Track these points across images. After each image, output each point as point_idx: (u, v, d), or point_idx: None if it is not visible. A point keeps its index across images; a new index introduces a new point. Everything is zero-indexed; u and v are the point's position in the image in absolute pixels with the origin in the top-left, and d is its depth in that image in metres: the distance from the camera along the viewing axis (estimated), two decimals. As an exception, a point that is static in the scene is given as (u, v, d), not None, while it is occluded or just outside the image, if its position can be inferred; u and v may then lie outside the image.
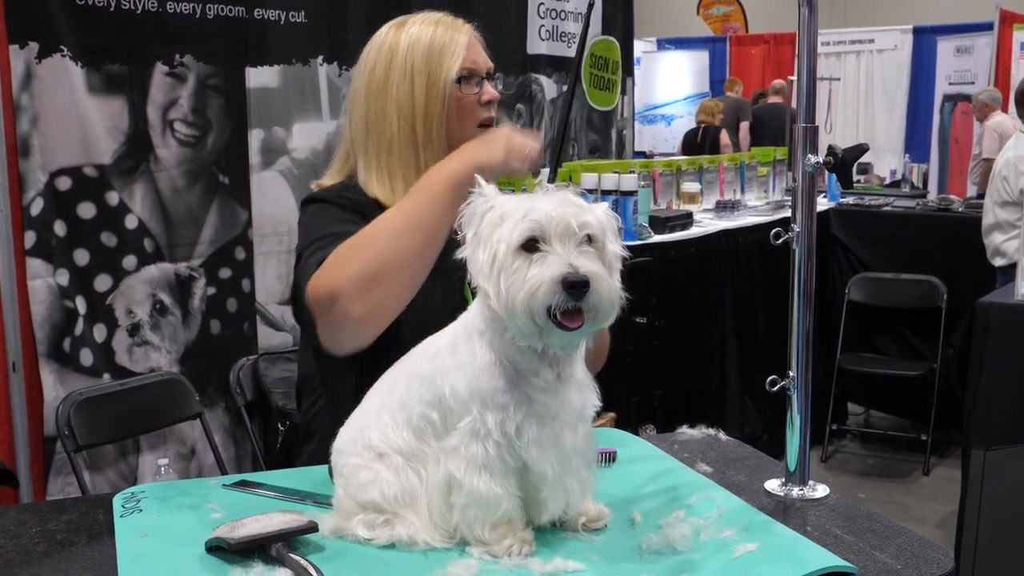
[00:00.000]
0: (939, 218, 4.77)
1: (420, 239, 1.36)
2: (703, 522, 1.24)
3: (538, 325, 1.09)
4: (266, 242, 3.10)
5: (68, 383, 2.61)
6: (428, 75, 1.53)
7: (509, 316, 1.10)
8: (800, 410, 1.41)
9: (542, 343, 1.13)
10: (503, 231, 1.11)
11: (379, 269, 1.33)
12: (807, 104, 1.41)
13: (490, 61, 1.61)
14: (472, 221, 1.16)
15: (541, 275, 1.08)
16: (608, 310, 1.12)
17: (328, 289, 1.34)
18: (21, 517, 1.31)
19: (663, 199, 4.49)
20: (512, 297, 1.09)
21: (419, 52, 1.53)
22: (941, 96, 9.61)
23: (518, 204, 1.13)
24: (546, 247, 1.10)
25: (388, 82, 1.54)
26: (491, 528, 1.14)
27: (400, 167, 1.54)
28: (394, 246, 1.34)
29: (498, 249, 1.11)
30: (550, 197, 1.14)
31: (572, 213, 1.11)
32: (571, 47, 4.53)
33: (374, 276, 1.33)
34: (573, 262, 1.08)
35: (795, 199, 1.40)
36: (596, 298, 1.09)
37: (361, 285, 1.33)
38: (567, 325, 1.09)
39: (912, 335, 4.64)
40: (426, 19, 1.57)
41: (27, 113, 2.53)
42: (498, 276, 1.11)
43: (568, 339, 1.13)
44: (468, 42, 1.56)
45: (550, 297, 1.07)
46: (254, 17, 3.02)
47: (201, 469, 2.91)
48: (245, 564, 1.11)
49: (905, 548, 1.22)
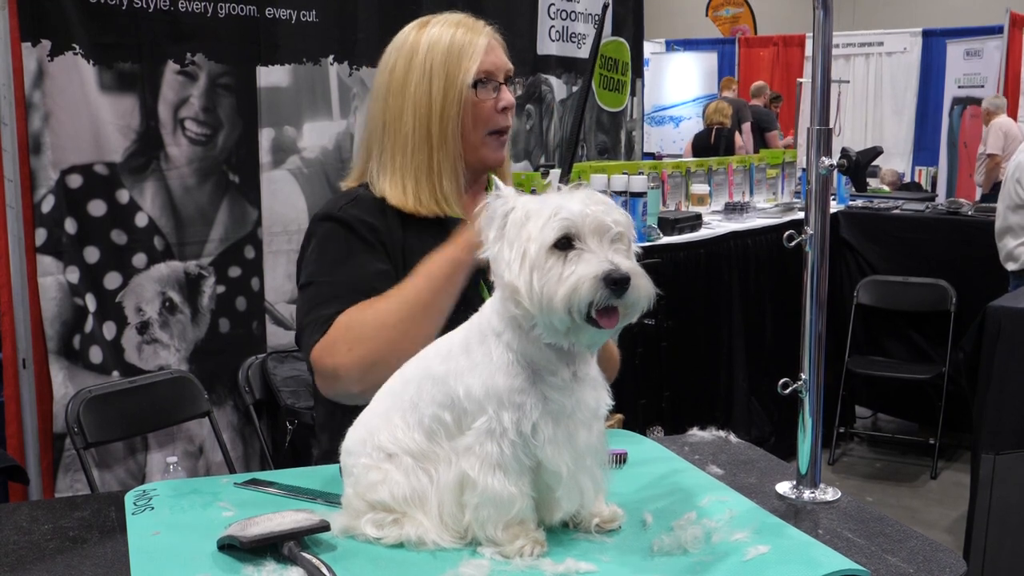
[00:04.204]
0: (948, 221, 4.76)
1: (426, 325, 1.41)
2: (715, 524, 1.23)
3: (574, 322, 1.10)
4: (275, 241, 3.10)
5: (77, 380, 2.62)
6: (446, 77, 1.54)
7: (545, 313, 1.10)
8: (812, 413, 1.41)
9: (569, 341, 1.13)
10: (531, 229, 1.11)
11: (383, 357, 1.38)
12: (821, 106, 1.40)
13: (509, 63, 1.61)
14: (494, 221, 1.16)
15: (582, 272, 1.08)
16: (642, 307, 1.12)
17: (333, 367, 1.43)
18: (34, 514, 1.32)
19: (672, 201, 4.49)
20: (549, 295, 1.09)
21: (438, 53, 1.54)
22: (950, 99, 9.58)
23: (544, 203, 1.13)
24: (580, 245, 1.10)
25: (407, 82, 1.55)
26: (504, 528, 1.14)
27: (413, 167, 1.55)
28: (400, 335, 1.39)
29: (528, 247, 1.11)
30: (574, 195, 1.14)
31: (603, 210, 1.12)
32: (581, 48, 4.53)
33: (378, 363, 1.38)
34: (612, 259, 1.09)
35: (808, 201, 1.39)
36: (635, 295, 1.10)
37: (364, 370, 1.40)
38: (602, 323, 1.10)
39: (920, 338, 4.63)
40: (448, 20, 1.58)
41: (39, 111, 2.54)
42: (530, 274, 1.10)
43: (598, 337, 1.13)
44: (487, 45, 1.57)
45: (592, 294, 1.08)
46: (265, 16, 3.03)
47: (209, 467, 2.92)
48: (257, 562, 1.12)
49: (917, 552, 1.21)
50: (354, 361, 1.41)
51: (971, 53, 9.36)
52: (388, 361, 1.34)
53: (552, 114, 4.39)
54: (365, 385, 1.37)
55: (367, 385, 1.36)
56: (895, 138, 10.13)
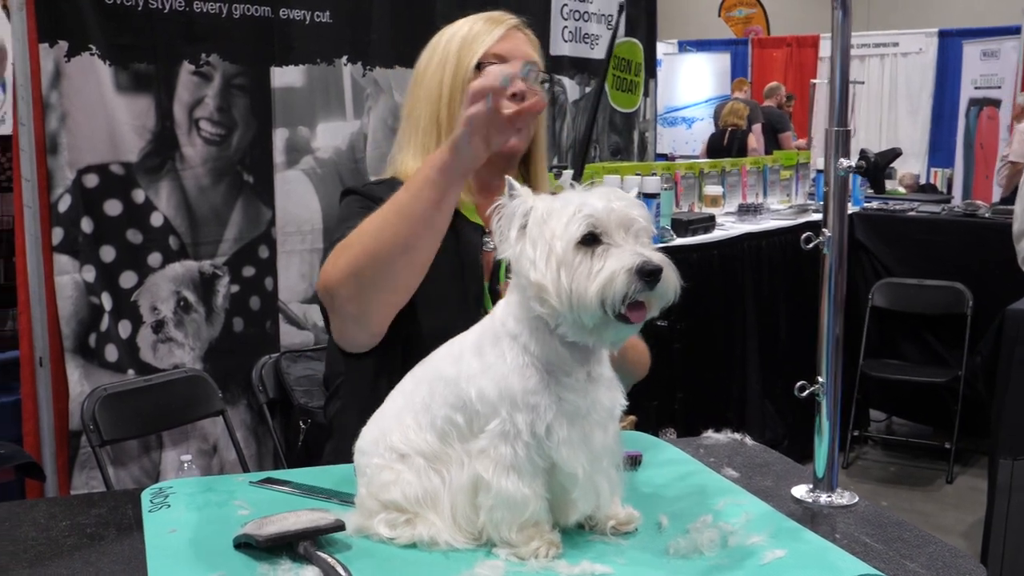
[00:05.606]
0: (965, 224, 4.72)
1: (404, 230, 1.33)
2: (731, 527, 1.23)
3: (606, 316, 1.09)
4: (289, 241, 3.11)
5: (93, 378, 2.63)
6: (457, 62, 1.54)
7: (575, 310, 1.10)
8: (829, 416, 1.40)
9: (594, 339, 1.13)
10: (554, 227, 1.11)
11: (364, 264, 1.34)
12: (839, 107, 1.39)
13: (534, 55, 1.59)
14: (513, 220, 1.15)
15: (614, 266, 1.08)
16: (670, 299, 1.12)
17: (324, 285, 1.40)
18: (51, 510, 1.32)
19: (685, 202, 4.47)
20: (580, 291, 1.09)
21: (456, 41, 1.56)
22: (967, 100, 9.51)
23: (565, 200, 1.13)
24: (607, 240, 1.10)
25: (425, 71, 1.57)
26: (518, 530, 1.14)
27: (423, 150, 1.56)
28: (377, 241, 1.34)
29: (554, 245, 1.10)
30: (593, 192, 1.14)
31: (626, 205, 1.12)
32: (594, 49, 4.52)
33: (360, 272, 1.35)
34: (641, 252, 1.09)
35: (827, 203, 1.38)
36: (665, 287, 1.10)
37: (350, 282, 1.36)
38: (631, 318, 1.10)
39: (936, 341, 4.59)
40: (477, 16, 1.59)
41: (56, 111, 2.55)
42: (558, 271, 1.10)
43: (624, 333, 1.13)
44: (504, 34, 1.56)
45: (627, 287, 1.08)
46: (279, 17, 3.04)
47: (223, 466, 2.93)
48: (272, 561, 1.12)
49: (936, 558, 1.20)
50: (339, 271, 1.36)
51: (988, 54, 9.30)
52: (367, 270, 1.32)
53: (565, 115, 4.38)
54: (360, 302, 1.36)
55: (361, 302, 1.36)
56: (910, 139, 10.06)
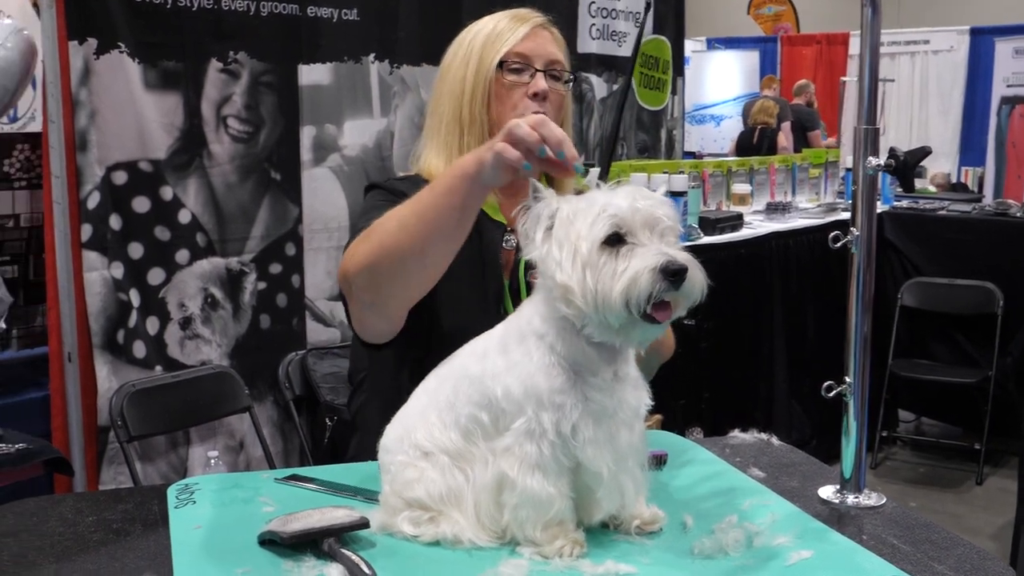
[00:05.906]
0: (996, 223, 4.65)
1: (420, 234, 1.32)
2: (756, 528, 1.22)
3: (631, 316, 1.09)
4: (316, 238, 3.12)
5: (121, 374, 2.66)
6: (480, 60, 1.54)
7: (600, 310, 1.09)
8: (857, 416, 1.38)
9: (620, 339, 1.13)
10: (579, 228, 1.11)
11: (379, 259, 1.33)
12: (868, 105, 1.37)
13: (558, 54, 1.58)
14: (539, 222, 1.15)
15: (639, 266, 1.07)
16: (696, 298, 1.12)
17: (343, 272, 1.40)
18: (78, 505, 1.33)
19: (713, 200, 4.44)
20: (605, 291, 1.08)
21: (480, 39, 1.55)
22: (998, 99, 9.38)
23: (589, 201, 1.13)
24: (632, 239, 1.09)
25: (449, 68, 1.57)
26: (543, 529, 1.14)
27: (446, 148, 1.56)
28: (394, 240, 1.33)
29: (579, 246, 1.10)
30: (618, 191, 1.13)
31: (651, 204, 1.11)
32: (621, 46, 4.50)
33: (374, 266, 1.34)
34: (666, 251, 1.08)
35: (855, 202, 1.37)
36: (691, 286, 1.09)
37: (366, 273, 1.35)
38: (657, 317, 1.09)
39: (966, 342, 4.53)
40: (503, 13, 1.59)
41: (85, 108, 2.58)
42: (583, 272, 1.10)
43: (651, 332, 1.12)
44: (528, 32, 1.55)
45: (651, 287, 1.07)
46: (307, 14, 3.05)
47: (249, 462, 2.95)
48: (297, 558, 1.12)
49: (964, 560, 1.19)
50: (356, 262, 1.35)
51: (1020, 52, 9.16)
52: (382, 265, 1.32)
53: (592, 113, 4.37)
54: (374, 295, 1.36)
55: (376, 294, 1.36)
56: (941, 138, 9.93)
